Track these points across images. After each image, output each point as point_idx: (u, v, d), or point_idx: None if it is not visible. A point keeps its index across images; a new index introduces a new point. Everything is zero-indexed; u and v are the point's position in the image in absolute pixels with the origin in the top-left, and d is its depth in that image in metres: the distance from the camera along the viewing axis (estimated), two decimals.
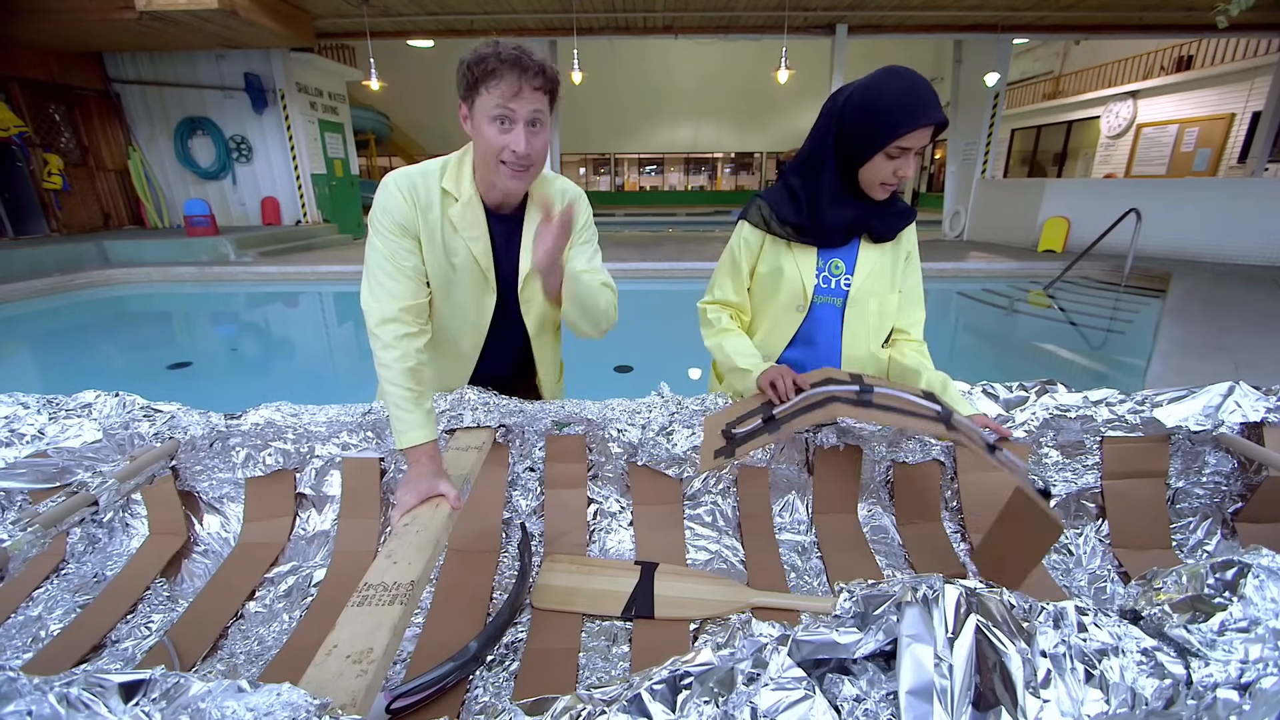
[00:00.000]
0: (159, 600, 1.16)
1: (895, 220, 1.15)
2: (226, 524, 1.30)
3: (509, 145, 1.01)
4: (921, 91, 0.99)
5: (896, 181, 1.05)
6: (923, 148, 1.02)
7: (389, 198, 1.09)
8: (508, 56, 0.97)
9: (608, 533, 1.26)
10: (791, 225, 1.16)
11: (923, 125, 0.98)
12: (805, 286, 1.18)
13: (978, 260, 7.44)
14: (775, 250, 1.20)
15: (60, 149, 8.18)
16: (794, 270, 1.18)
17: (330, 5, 7.22)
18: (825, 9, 7.66)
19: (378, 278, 1.08)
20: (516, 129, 1.01)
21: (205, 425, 1.23)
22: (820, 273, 1.19)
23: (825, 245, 1.17)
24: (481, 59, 0.97)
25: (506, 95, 0.98)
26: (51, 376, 4.35)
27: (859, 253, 1.17)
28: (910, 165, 1.03)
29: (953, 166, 9.99)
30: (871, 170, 1.05)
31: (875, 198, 1.10)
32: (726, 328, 1.23)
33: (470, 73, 0.98)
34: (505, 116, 1.00)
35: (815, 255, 1.18)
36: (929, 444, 1.16)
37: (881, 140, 1.00)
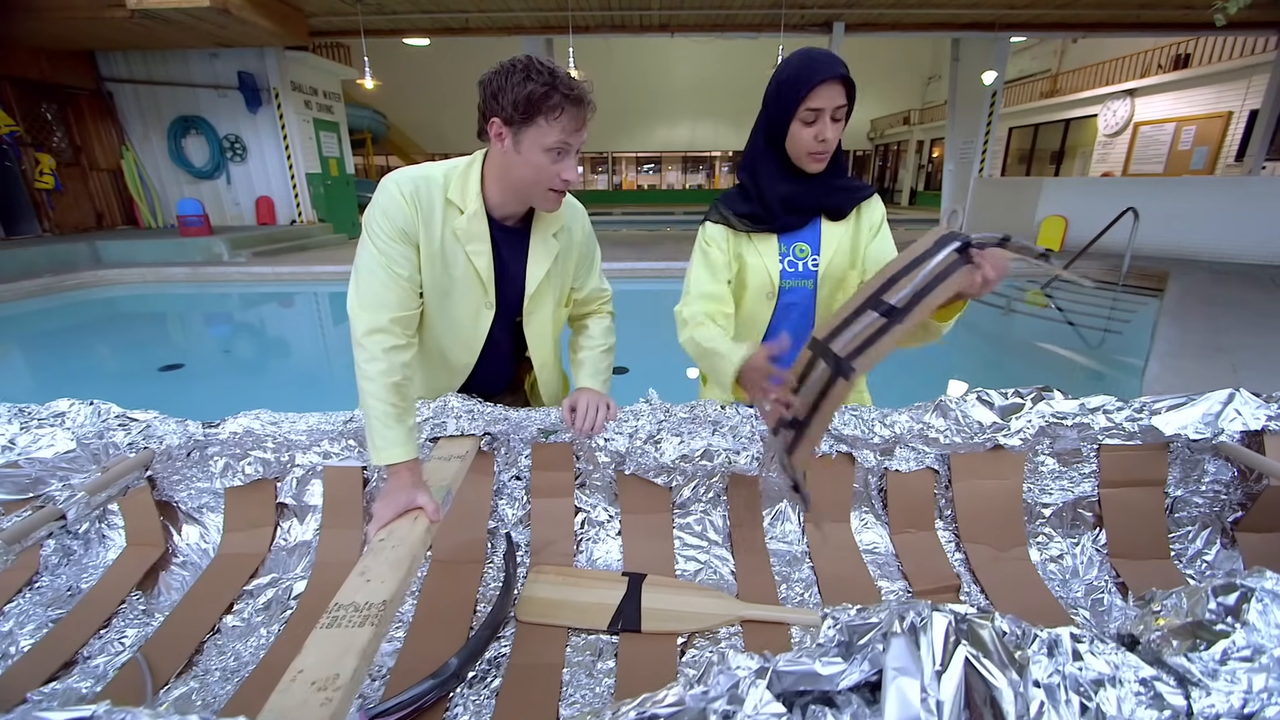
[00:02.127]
0: (134, 614, 1.14)
1: (846, 194, 1.16)
2: (206, 534, 1.28)
3: (561, 174, 1.01)
4: (819, 55, 1.03)
5: (821, 148, 1.06)
6: (838, 109, 1.03)
7: (390, 200, 1.03)
8: (575, 94, 0.96)
9: (595, 542, 1.24)
10: (746, 216, 1.18)
11: (822, 81, 1.00)
12: (771, 273, 1.18)
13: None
14: (738, 244, 1.21)
15: (52, 148, 8.12)
16: (757, 259, 1.19)
17: (324, 3, 7.17)
18: (822, 7, 7.63)
19: (369, 284, 1.04)
20: (569, 159, 1.01)
21: (182, 434, 1.20)
22: (785, 258, 1.19)
23: (783, 229, 1.17)
24: (546, 92, 0.93)
25: (569, 130, 0.97)
26: (41, 378, 4.31)
27: (822, 233, 1.18)
28: (829, 129, 1.04)
29: (950, 165, 9.98)
30: (795, 143, 1.07)
31: (809, 170, 1.11)
32: (698, 323, 1.21)
33: (532, 104, 0.94)
34: (563, 149, 0.99)
35: (776, 241, 1.19)
36: (922, 452, 1.13)
37: (791, 107, 1.04)
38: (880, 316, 0.79)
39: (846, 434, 1.13)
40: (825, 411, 0.82)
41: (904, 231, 11.07)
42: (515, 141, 0.99)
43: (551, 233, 1.18)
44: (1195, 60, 11.77)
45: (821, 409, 0.82)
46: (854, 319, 0.82)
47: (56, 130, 8.22)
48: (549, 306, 1.24)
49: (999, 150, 17.75)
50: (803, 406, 0.85)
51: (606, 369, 1.29)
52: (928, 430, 1.10)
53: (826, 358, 0.82)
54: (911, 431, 1.11)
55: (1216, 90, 11.34)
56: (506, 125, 0.98)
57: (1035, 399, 1.07)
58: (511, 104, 0.94)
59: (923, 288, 0.76)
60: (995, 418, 1.07)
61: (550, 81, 0.94)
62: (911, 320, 0.75)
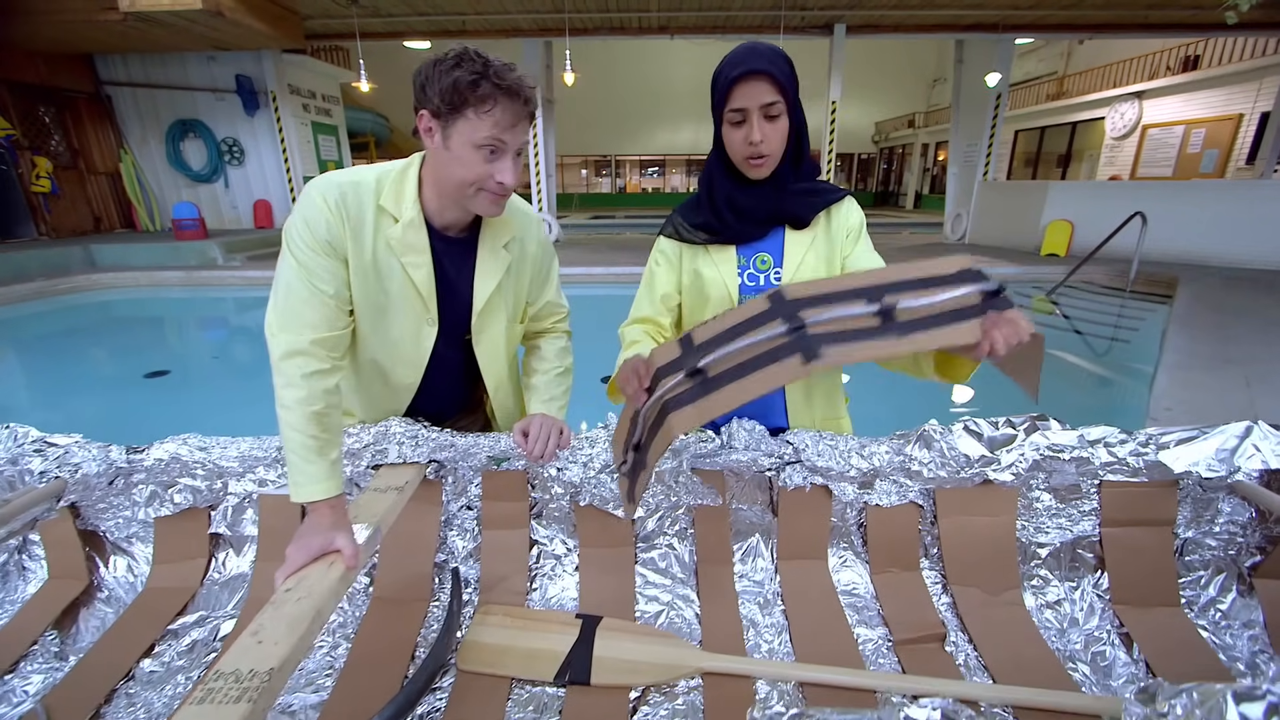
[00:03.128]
0: (45, 656, 1.04)
1: (806, 199, 1.05)
2: (135, 566, 1.18)
3: (495, 175, 0.90)
4: (742, 49, 0.94)
5: (753, 151, 0.96)
6: (768, 106, 0.93)
7: (312, 208, 0.93)
8: (507, 84, 0.85)
9: (551, 579, 1.14)
10: (700, 226, 1.09)
11: (739, 78, 0.91)
12: (729, 287, 1.08)
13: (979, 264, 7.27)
14: (693, 257, 1.12)
15: (50, 152, 8.12)
16: (714, 272, 1.09)
17: (319, 6, 7.13)
18: (823, 8, 7.54)
19: (289, 301, 0.93)
20: (505, 159, 0.90)
21: (103, 461, 1.11)
22: (744, 270, 1.09)
23: (740, 240, 1.08)
24: (474, 81, 0.84)
25: (503, 125, 0.87)
26: (22, 386, 4.25)
27: (785, 242, 1.07)
28: (759, 129, 0.93)
29: (954, 168, 9.84)
30: (730, 147, 0.99)
31: (750, 175, 1.01)
32: (634, 340, 1.13)
33: (459, 93, 0.84)
34: (497, 147, 0.89)
35: (734, 253, 1.09)
36: (905, 485, 1.03)
37: (718, 109, 0.96)
38: (875, 315, 0.67)
39: (820, 465, 1.02)
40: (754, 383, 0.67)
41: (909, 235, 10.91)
42: (445, 137, 0.89)
43: (502, 243, 1.09)
44: (1205, 62, 11.60)
45: (752, 379, 0.67)
46: (840, 299, 0.70)
47: (54, 133, 8.22)
48: (501, 323, 1.15)
49: (1004, 153, 17.59)
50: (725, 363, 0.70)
51: (563, 393, 1.20)
52: (910, 463, 1.00)
53: (790, 321, 0.68)
54: (892, 464, 1.00)
55: (1227, 92, 11.17)
56: (435, 118, 0.88)
57: (1029, 429, 0.96)
58: (439, 94, 0.85)
59: (931, 315, 0.65)
60: (984, 450, 0.97)
61: (481, 70, 0.84)
62: (907, 343, 0.64)
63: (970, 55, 9.13)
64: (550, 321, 1.26)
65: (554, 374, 1.20)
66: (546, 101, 9.24)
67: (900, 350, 0.64)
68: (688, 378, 0.74)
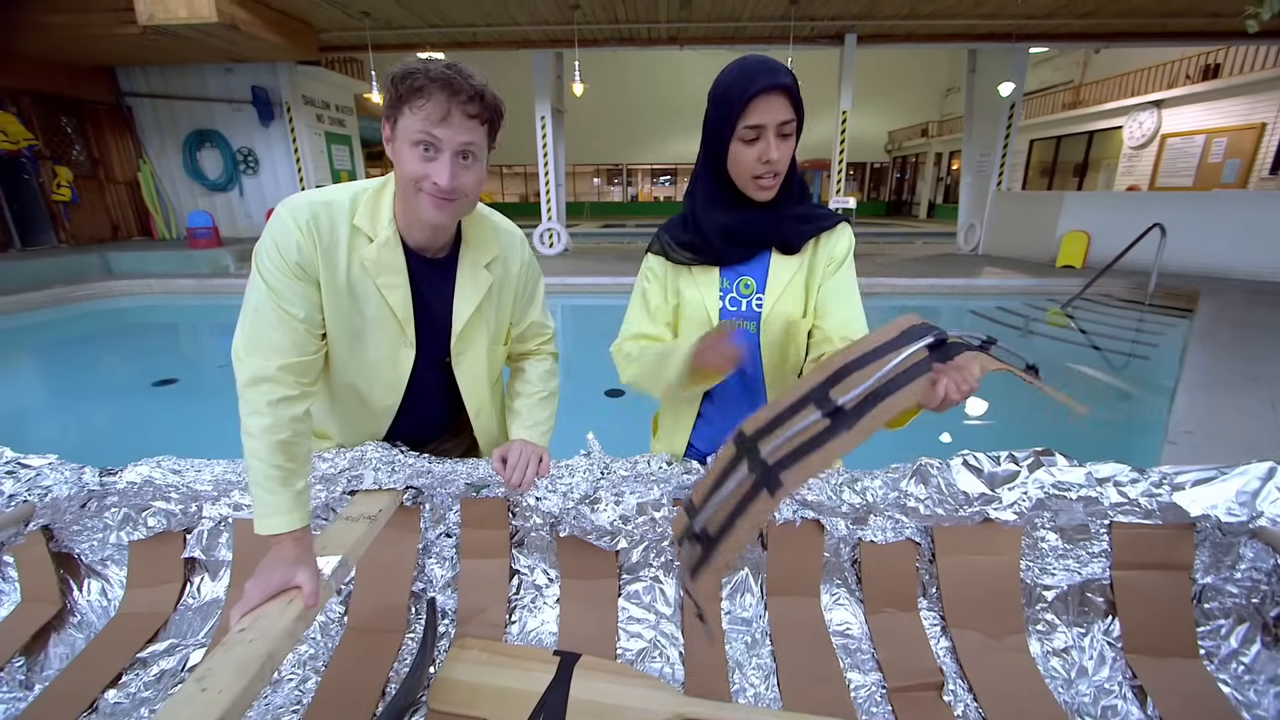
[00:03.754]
0: (11, 685, 1.02)
1: (798, 224, 0.99)
2: (109, 590, 1.16)
3: (430, 176, 0.86)
4: (757, 62, 0.89)
5: (766, 170, 0.91)
6: (783, 124, 0.88)
7: (282, 230, 0.89)
8: (438, 75, 0.82)
9: (531, 611, 1.09)
10: (685, 246, 1.04)
11: (760, 91, 0.86)
12: (709, 311, 1.03)
13: (992, 276, 7.17)
14: (677, 277, 1.06)
15: (71, 161, 8.30)
16: (695, 294, 1.04)
17: (333, 19, 7.24)
18: (833, 18, 7.51)
19: (256, 324, 0.89)
20: (442, 158, 0.85)
21: (75, 484, 1.09)
22: (726, 294, 1.04)
23: (724, 262, 1.02)
24: (409, 74, 0.82)
25: (433, 119, 0.83)
26: (34, 393, 4.30)
27: (770, 267, 1.01)
28: (774, 148, 0.89)
29: (967, 178, 9.73)
30: (737, 166, 0.93)
31: (756, 197, 0.95)
32: (630, 350, 1.08)
33: (395, 88, 0.83)
34: (429, 143, 0.85)
35: (717, 276, 1.03)
36: (900, 522, 0.97)
37: (729, 124, 0.89)
38: (823, 417, 0.64)
39: (811, 499, 0.97)
40: (741, 531, 0.67)
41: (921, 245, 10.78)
42: (393, 140, 0.88)
43: (483, 263, 1.05)
44: (1226, 70, 11.40)
45: (737, 528, 0.67)
46: (790, 414, 0.68)
47: (76, 143, 8.40)
48: (482, 346, 1.11)
49: (1019, 163, 17.40)
50: (716, 519, 0.70)
51: (546, 418, 1.15)
52: (905, 499, 0.94)
53: (752, 460, 0.68)
54: (886, 499, 0.95)
55: (1249, 101, 10.95)
56: (386, 122, 0.87)
57: (1032, 465, 0.91)
58: (387, 95, 0.85)
59: (878, 388, 0.62)
60: (984, 487, 0.91)
61: (419, 66, 0.83)
62: (860, 432, 0.61)
63: (984, 64, 9.05)
64: (535, 343, 1.22)
65: (537, 398, 1.16)
66: (556, 111, 9.29)
67: (854, 443, 0.61)
68: (693, 542, 0.77)
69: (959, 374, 0.61)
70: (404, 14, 7.23)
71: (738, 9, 7.18)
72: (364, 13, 7.05)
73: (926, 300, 6.60)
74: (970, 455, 0.92)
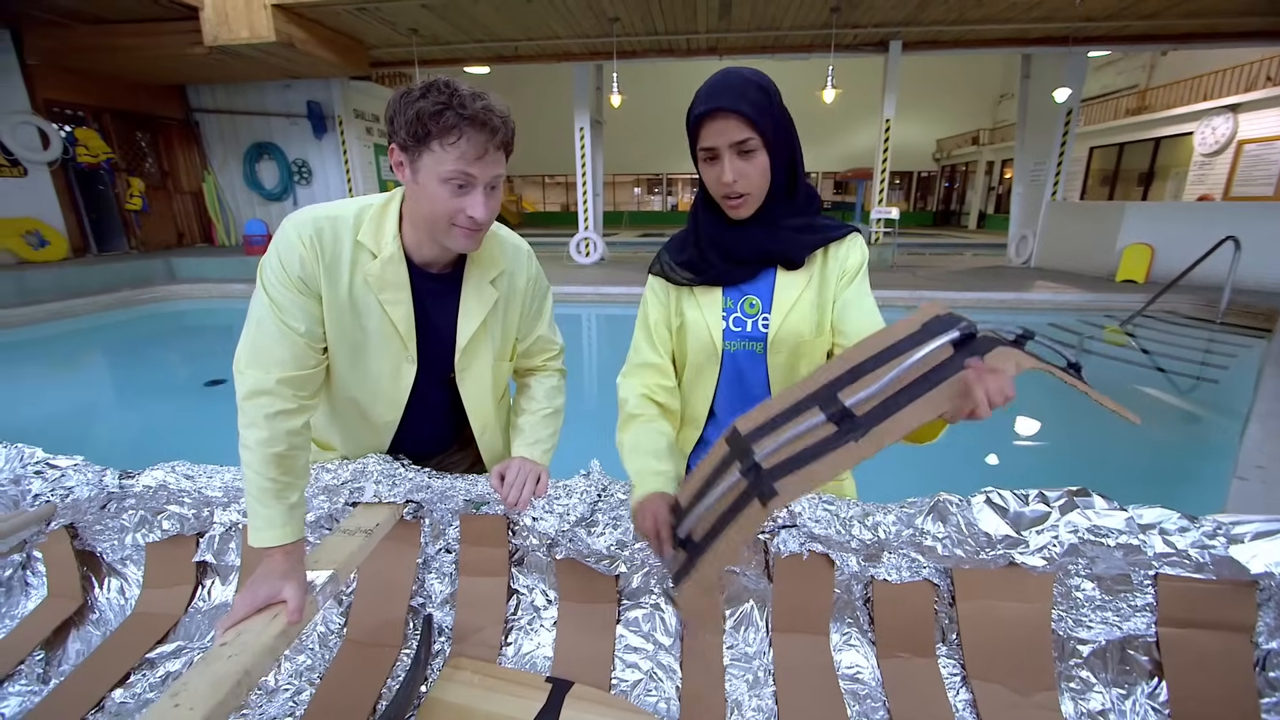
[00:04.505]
0: (30, 678, 1.05)
1: (797, 237, 0.93)
2: (126, 588, 1.19)
3: (466, 210, 0.86)
4: (712, 84, 0.84)
5: (726, 190, 0.87)
6: (740, 144, 0.84)
7: (286, 245, 0.90)
8: (473, 113, 0.81)
9: (527, 633, 1.06)
10: (685, 265, 0.99)
11: (705, 115, 0.83)
12: (712, 332, 0.98)
13: (1045, 290, 6.82)
14: (679, 298, 1.02)
15: (143, 173, 8.92)
16: (698, 315, 0.99)
17: (382, 36, 7.53)
18: (876, 25, 7.34)
19: (258, 337, 0.90)
20: (475, 193, 0.86)
21: (97, 485, 1.13)
22: (729, 314, 0.98)
23: (726, 281, 0.97)
24: (438, 111, 0.80)
25: (469, 158, 0.83)
26: (98, 389, 4.57)
27: (775, 285, 0.96)
28: (728, 170, 0.85)
29: (1019, 188, 9.32)
30: (707, 185, 0.91)
31: (731, 215, 0.92)
32: (634, 413, 1.01)
33: (422, 124, 0.81)
34: (465, 181, 0.84)
35: (720, 296, 0.98)
36: (916, 561, 0.90)
37: (692, 146, 0.89)
38: (829, 421, 0.57)
39: (819, 533, 0.91)
40: (730, 541, 0.61)
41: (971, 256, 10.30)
42: (414, 171, 0.85)
43: (489, 279, 1.04)
44: None
45: (726, 536, 0.61)
46: (792, 415, 0.61)
47: (148, 156, 9.03)
48: (486, 362, 1.10)
49: (1077, 171, 16.58)
50: (702, 525, 0.65)
51: (549, 436, 1.13)
52: (921, 537, 0.87)
53: (745, 462, 0.62)
54: (900, 537, 0.88)
55: None
56: (403, 152, 0.85)
57: (1065, 506, 0.82)
58: (405, 127, 0.82)
59: (896, 392, 0.54)
60: (1009, 530, 0.83)
61: (446, 100, 0.80)
62: (872, 442, 0.53)
63: (1038, 69, 8.67)
64: (542, 359, 1.20)
65: (541, 415, 1.14)
66: (595, 122, 9.39)
67: (863, 455, 0.53)
68: (679, 548, 0.73)
69: (993, 378, 0.50)
70: (450, 30, 7.47)
71: (778, 18, 7.11)
72: (412, 30, 7.31)
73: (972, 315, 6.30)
74: (994, 493, 0.84)
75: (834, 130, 20.47)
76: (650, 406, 1.02)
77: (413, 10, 6.57)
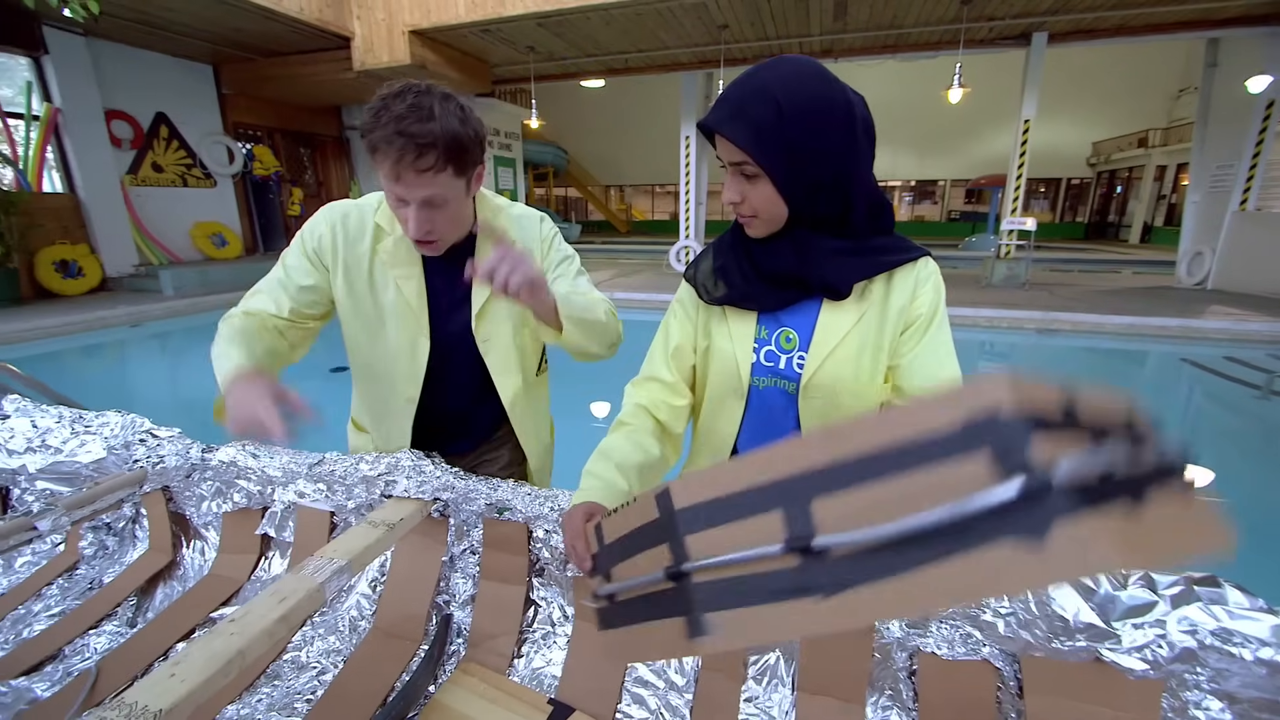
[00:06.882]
0: (120, 621, 1.19)
1: (842, 261, 0.75)
2: (206, 551, 1.32)
3: (404, 222, 0.91)
4: (726, 92, 0.71)
5: (733, 209, 0.76)
6: (737, 165, 0.72)
7: (315, 222, 1.06)
8: (389, 135, 0.82)
9: (540, 647, 1.03)
10: (718, 271, 0.85)
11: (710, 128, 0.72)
12: (740, 365, 0.85)
13: (1223, 317, 5.71)
14: (708, 316, 0.89)
15: (303, 183, 10.29)
16: (726, 343, 0.86)
17: (504, 55, 8.06)
18: (1016, 16, 6.61)
19: (266, 280, 1.07)
20: (409, 209, 0.89)
21: (184, 456, 1.26)
22: (762, 346, 0.84)
23: (762, 305, 0.82)
24: (368, 128, 0.84)
25: (390, 177, 0.86)
26: None
27: (819, 317, 0.80)
28: (731, 188, 0.74)
29: (1195, 196, 7.94)
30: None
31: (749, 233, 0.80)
32: (624, 420, 0.92)
33: (364, 135, 0.87)
34: (397, 196, 0.88)
35: (754, 323, 0.84)
36: (973, 637, 0.74)
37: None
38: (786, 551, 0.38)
39: None
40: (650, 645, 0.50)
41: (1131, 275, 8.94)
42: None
43: None
44: None
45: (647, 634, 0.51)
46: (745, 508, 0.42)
47: (308, 169, 10.41)
48: (507, 328, 1.12)
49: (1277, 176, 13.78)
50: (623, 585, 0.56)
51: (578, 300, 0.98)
52: (979, 609, 0.71)
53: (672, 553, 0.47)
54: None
55: None
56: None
57: (1181, 597, 0.63)
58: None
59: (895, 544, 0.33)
60: (1095, 617, 0.65)
61: (374, 118, 0.82)
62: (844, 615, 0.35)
63: (1228, 56, 7.34)
64: None
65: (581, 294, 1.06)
66: None
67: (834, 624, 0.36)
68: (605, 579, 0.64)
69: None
70: (564, 46, 7.81)
71: (899, 16, 6.65)
72: (530, 47, 7.75)
73: (1123, 344, 5.40)
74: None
75: (965, 134, 18.84)
76: (644, 418, 0.91)
77: (529, 29, 6.96)
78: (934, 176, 21.06)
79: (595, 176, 21.85)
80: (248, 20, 6.46)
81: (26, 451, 1.30)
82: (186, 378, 4.79)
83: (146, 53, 7.70)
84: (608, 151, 20.94)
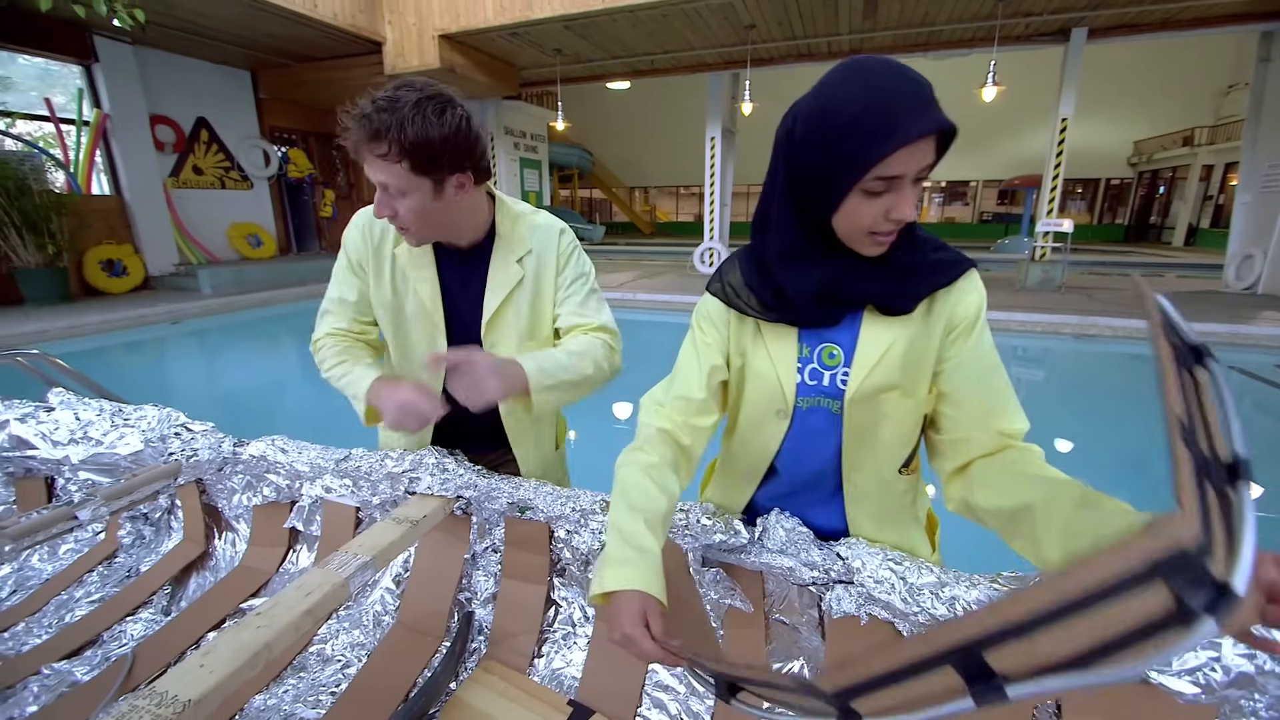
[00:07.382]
0: (158, 608, 1.23)
1: (905, 283, 0.72)
2: (237, 542, 1.35)
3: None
4: (899, 87, 0.60)
5: (891, 228, 0.66)
6: (925, 170, 0.63)
7: (348, 232, 1.12)
8: (356, 115, 0.88)
9: (560, 648, 1.03)
10: (756, 295, 0.79)
11: (913, 139, 0.59)
12: (784, 384, 0.80)
13: (1274, 324, 5.45)
14: (742, 333, 0.83)
15: (335, 185, 10.53)
16: (766, 363, 0.81)
17: (531, 58, 8.13)
18: (1055, 12, 6.41)
19: (328, 299, 1.17)
20: (381, 195, 0.94)
21: (216, 450, 1.29)
22: (805, 364, 0.80)
23: (806, 323, 0.77)
24: (348, 109, 0.90)
25: (361, 158, 0.92)
26: (281, 368, 5.41)
27: (861, 332, 0.76)
28: (909, 200, 0.64)
29: (1245, 196, 7.59)
30: (849, 218, 0.67)
31: (865, 252, 0.71)
32: (638, 446, 0.84)
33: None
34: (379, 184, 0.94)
35: (795, 341, 0.79)
36: None
37: (850, 174, 0.63)
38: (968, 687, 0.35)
39: (879, 596, 0.76)
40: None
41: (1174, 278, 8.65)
42: None
43: (515, 259, 1.10)
44: None
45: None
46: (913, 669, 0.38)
47: (340, 171, 10.64)
48: (511, 338, 1.13)
49: None
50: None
51: (554, 368, 1.01)
52: None
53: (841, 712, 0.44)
54: None
55: None
56: None
57: None
58: None
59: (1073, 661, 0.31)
60: None
61: (359, 102, 0.88)
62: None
63: None
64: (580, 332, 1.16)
65: (559, 350, 1.07)
66: (726, 132, 9.32)
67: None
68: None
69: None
70: (590, 48, 7.85)
71: (932, 12, 6.51)
72: (556, 50, 7.81)
73: None
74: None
75: (998, 133, 18.37)
76: (665, 448, 0.83)
77: (556, 31, 7.01)
78: (966, 177, 20.59)
79: (620, 178, 21.91)
80: (283, 26, 6.65)
81: (70, 443, 1.35)
82: (221, 373, 4.95)
83: (188, 59, 7.99)
84: (632, 153, 20.98)
